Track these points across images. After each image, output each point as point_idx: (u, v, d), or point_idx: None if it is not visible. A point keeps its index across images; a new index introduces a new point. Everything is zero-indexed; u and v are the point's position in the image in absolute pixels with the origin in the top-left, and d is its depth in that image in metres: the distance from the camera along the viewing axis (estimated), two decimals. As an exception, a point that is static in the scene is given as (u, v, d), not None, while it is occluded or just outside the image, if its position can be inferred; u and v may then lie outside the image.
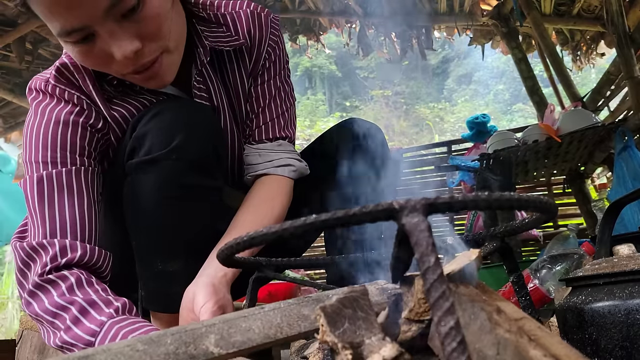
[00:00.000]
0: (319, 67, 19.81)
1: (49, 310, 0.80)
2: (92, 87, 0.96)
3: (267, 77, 1.12)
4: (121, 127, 1.00)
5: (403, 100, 19.55)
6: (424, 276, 0.28)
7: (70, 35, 0.79)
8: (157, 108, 0.94)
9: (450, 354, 0.26)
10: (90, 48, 0.82)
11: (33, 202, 0.89)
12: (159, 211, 0.92)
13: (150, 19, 0.82)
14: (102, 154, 1.00)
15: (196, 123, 0.94)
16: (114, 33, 0.80)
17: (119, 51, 0.81)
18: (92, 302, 0.80)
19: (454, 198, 0.31)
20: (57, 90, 0.94)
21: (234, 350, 0.42)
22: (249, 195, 1.05)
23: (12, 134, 4.44)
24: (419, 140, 15.57)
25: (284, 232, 0.34)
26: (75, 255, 0.85)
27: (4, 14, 3.15)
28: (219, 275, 0.86)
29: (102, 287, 0.84)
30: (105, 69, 0.89)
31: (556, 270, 1.21)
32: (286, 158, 1.09)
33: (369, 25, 4.17)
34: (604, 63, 4.17)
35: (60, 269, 0.83)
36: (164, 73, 0.90)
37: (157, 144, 0.90)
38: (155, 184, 0.91)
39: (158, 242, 0.94)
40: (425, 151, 4.59)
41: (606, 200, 2.70)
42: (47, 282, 0.83)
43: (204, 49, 1.01)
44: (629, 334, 0.58)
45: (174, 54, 0.91)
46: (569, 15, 3.73)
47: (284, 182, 1.07)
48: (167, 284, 0.94)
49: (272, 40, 1.10)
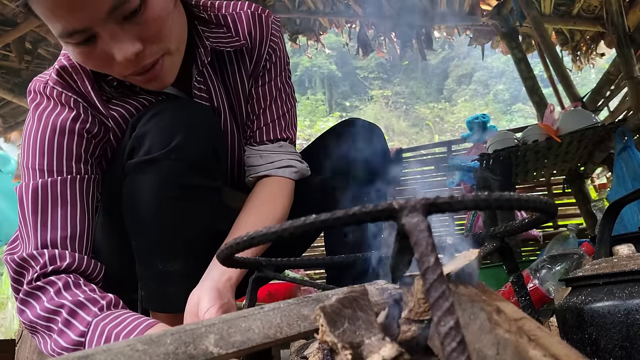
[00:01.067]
0: (319, 67, 19.80)
1: (41, 315, 0.82)
2: (90, 89, 0.96)
3: (268, 79, 1.12)
4: (121, 127, 1.00)
5: (403, 100, 19.56)
6: (424, 276, 0.28)
7: (71, 36, 0.79)
8: (156, 108, 0.94)
9: (450, 354, 0.26)
10: (91, 49, 0.82)
11: (27, 211, 0.90)
12: (159, 211, 0.92)
13: (152, 22, 0.82)
14: (100, 157, 1.00)
15: (196, 123, 0.94)
16: (116, 35, 0.80)
17: (120, 53, 0.81)
18: (79, 303, 0.81)
19: (453, 198, 0.31)
20: (55, 93, 0.94)
21: (233, 350, 0.42)
22: (251, 197, 1.05)
23: (11, 133, 4.44)
24: (419, 140, 15.58)
25: (283, 232, 0.34)
26: (63, 263, 0.86)
27: (4, 14, 3.15)
28: (223, 279, 0.87)
29: (90, 288, 0.85)
30: (106, 70, 0.89)
31: (556, 270, 1.21)
32: (287, 159, 1.09)
33: (369, 25, 4.18)
34: (604, 63, 4.18)
35: (48, 275, 0.85)
36: (164, 75, 0.90)
37: (156, 143, 0.90)
38: (155, 183, 0.91)
39: (157, 242, 0.94)
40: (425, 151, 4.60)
41: (606, 201, 2.70)
42: (36, 289, 0.84)
43: (204, 49, 1.01)
44: (629, 334, 0.58)
45: (174, 55, 0.91)
46: (568, 15, 3.73)
47: (285, 183, 1.07)
48: (167, 284, 0.94)
49: (273, 41, 1.10)
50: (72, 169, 0.93)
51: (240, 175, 1.16)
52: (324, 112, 18.87)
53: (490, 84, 18.57)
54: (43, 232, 0.88)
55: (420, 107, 19.16)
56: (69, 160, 0.93)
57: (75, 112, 0.94)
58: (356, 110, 18.96)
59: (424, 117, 18.49)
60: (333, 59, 19.58)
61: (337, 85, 20.67)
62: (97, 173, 0.99)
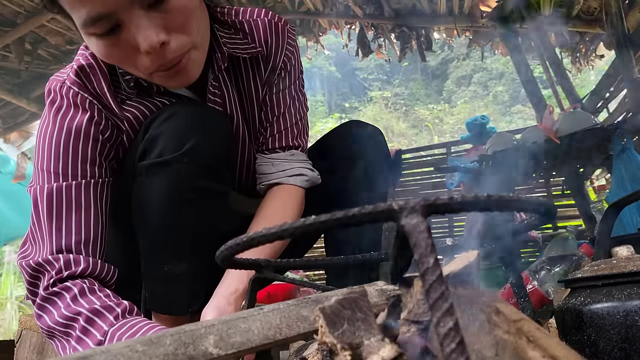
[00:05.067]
0: (319, 68, 19.80)
1: (58, 322, 0.82)
2: (106, 90, 0.96)
3: (282, 87, 1.12)
4: (134, 128, 1.00)
5: (402, 101, 19.56)
6: (423, 277, 0.28)
7: (95, 24, 0.78)
8: (170, 110, 0.94)
9: (450, 354, 0.26)
10: (115, 41, 0.81)
11: (43, 215, 0.89)
12: (168, 213, 0.92)
13: (177, 11, 0.81)
14: (113, 159, 1.01)
15: (209, 127, 0.94)
16: (141, 23, 0.79)
17: (146, 42, 0.80)
18: (96, 311, 0.81)
19: (453, 199, 0.31)
20: (72, 93, 0.94)
21: (233, 351, 0.42)
22: (262, 205, 1.06)
23: (11, 134, 4.43)
24: (419, 142, 15.57)
25: (283, 233, 0.34)
26: (78, 268, 0.86)
27: (4, 14, 3.15)
28: (228, 294, 0.88)
29: (104, 294, 0.85)
30: (130, 65, 0.87)
31: (555, 271, 1.21)
32: (299, 168, 1.10)
33: (369, 27, 4.18)
34: (603, 65, 4.19)
35: (64, 280, 0.85)
36: (190, 69, 0.89)
37: (169, 146, 0.90)
38: (166, 186, 0.91)
39: (165, 244, 0.94)
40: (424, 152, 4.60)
41: (605, 202, 2.70)
42: (53, 295, 0.84)
43: (222, 54, 1.01)
44: (628, 335, 0.58)
45: (200, 50, 0.91)
46: (568, 17, 3.73)
47: (295, 191, 1.08)
48: (172, 286, 0.95)
49: (289, 50, 1.11)
50: (86, 172, 0.93)
51: (249, 181, 1.16)
52: (323, 113, 18.87)
53: (489, 86, 18.57)
54: (58, 237, 0.88)
55: (420, 109, 19.16)
56: (83, 163, 0.93)
57: (89, 114, 0.94)
58: (355, 112, 18.95)
59: (423, 119, 18.48)
60: (332, 60, 19.59)
61: (337, 86, 20.68)
62: (110, 175, 0.99)
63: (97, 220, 0.92)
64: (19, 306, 5.76)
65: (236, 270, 0.92)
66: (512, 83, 17.04)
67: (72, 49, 3.61)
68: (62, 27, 3.40)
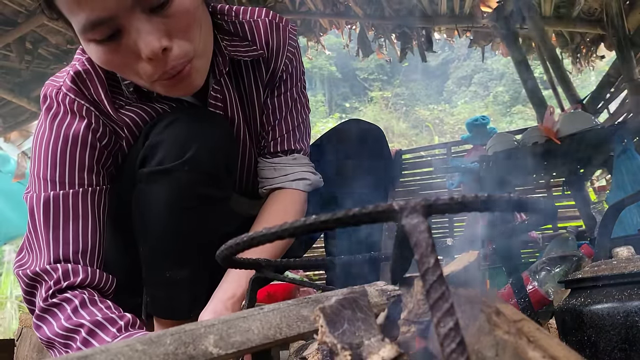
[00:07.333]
0: (319, 68, 19.79)
1: (59, 334, 0.81)
2: (103, 96, 0.93)
3: (284, 89, 1.11)
4: (133, 133, 0.98)
5: (403, 101, 19.56)
6: (424, 277, 0.28)
7: (95, 29, 0.76)
8: (171, 117, 0.93)
9: (450, 355, 0.26)
10: (116, 47, 0.79)
11: (39, 224, 0.88)
12: (170, 220, 0.91)
13: (179, 16, 0.79)
14: (110, 166, 0.99)
15: (210, 135, 0.93)
16: (142, 28, 0.77)
17: (147, 47, 0.77)
18: (98, 323, 0.80)
19: (453, 199, 0.31)
20: (68, 100, 0.92)
21: (233, 351, 0.41)
22: (264, 209, 1.06)
23: (11, 133, 4.43)
24: (419, 142, 15.56)
25: (283, 233, 0.34)
26: (77, 278, 0.85)
27: (4, 14, 3.15)
28: (225, 299, 0.88)
29: (106, 305, 0.84)
30: (131, 73, 0.85)
31: (555, 272, 1.21)
32: (301, 172, 1.09)
33: (369, 27, 4.18)
34: (604, 65, 4.18)
35: (63, 291, 0.84)
36: (194, 77, 0.87)
37: (170, 154, 0.89)
38: (167, 194, 0.90)
39: (166, 250, 0.93)
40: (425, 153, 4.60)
41: (605, 203, 2.70)
42: (52, 306, 0.84)
43: (223, 58, 0.99)
44: (628, 336, 0.58)
45: (203, 59, 0.89)
46: (568, 17, 3.73)
47: (297, 195, 1.08)
48: (174, 291, 0.94)
49: (290, 51, 1.09)
50: (83, 180, 0.92)
51: (250, 182, 1.16)
52: (323, 113, 18.86)
53: (490, 86, 18.57)
54: (55, 246, 0.87)
55: (420, 109, 19.15)
56: (80, 171, 0.91)
57: (87, 121, 0.92)
58: (356, 112, 18.95)
59: (423, 119, 18.48)
60: (333, 60, 19.59)
61: (337, 86, 20.67)
62: (108, 182, 0.98)
63: (94, 229, 0.91)
64: (19, 305, 5.77)
65: (235, 274, 0.91)
66: (512, 83, 17.02)
67: (72, 48, 3.60)
68: (63, 27, 3.37)
